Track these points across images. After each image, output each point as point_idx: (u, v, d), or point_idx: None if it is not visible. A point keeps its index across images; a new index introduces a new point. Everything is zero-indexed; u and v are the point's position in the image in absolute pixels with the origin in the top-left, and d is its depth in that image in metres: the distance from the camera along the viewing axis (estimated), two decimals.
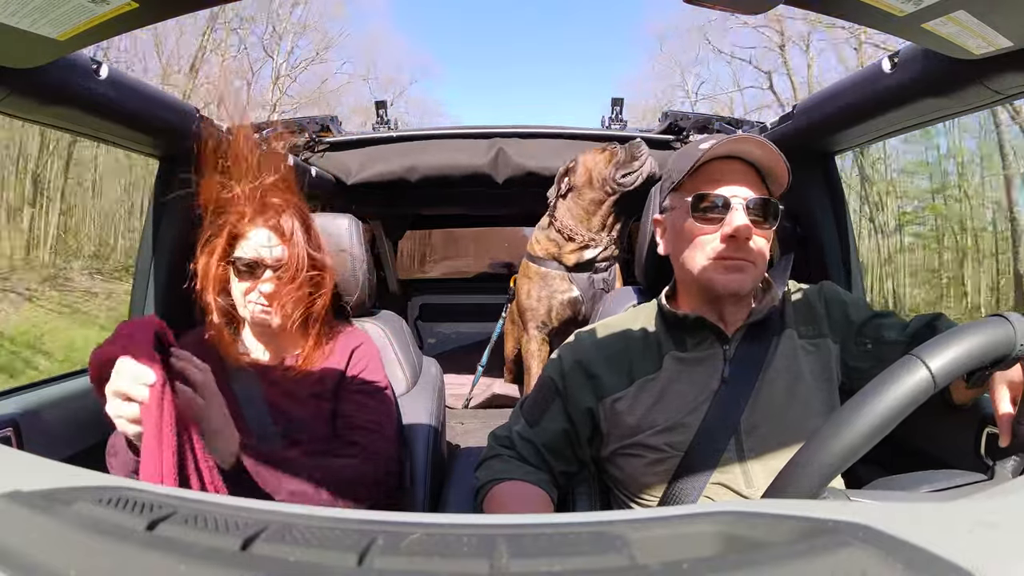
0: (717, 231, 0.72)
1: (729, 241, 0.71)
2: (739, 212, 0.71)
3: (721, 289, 0.73)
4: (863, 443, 0.43)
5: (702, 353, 0.76)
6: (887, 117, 0.88)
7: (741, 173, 0.73)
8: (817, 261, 1.17)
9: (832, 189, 1.17)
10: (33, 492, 0.31)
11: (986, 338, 0.46)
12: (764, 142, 0.72)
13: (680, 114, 1.57)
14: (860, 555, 0.24)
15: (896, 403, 0.43)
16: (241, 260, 0.82)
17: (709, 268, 0.73)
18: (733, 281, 0.72)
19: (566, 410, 0.78)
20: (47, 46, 0.58)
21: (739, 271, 0.72)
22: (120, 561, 0.25)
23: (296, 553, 0.25)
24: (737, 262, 0.72)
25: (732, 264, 0.72)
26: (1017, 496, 0.33)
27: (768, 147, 0.72)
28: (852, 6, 0.51)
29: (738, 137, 0.75)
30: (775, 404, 0.72)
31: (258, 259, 0.82)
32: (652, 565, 0.24)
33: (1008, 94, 0.68)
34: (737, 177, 0.73)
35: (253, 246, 0.82)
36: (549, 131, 1.62)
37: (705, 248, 0.73)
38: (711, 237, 0.73)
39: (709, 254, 0.73)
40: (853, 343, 0.77)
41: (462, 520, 0.30)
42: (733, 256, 0.72)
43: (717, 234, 0.72)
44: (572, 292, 1.65)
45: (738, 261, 0.72)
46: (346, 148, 1.60)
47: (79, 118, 0.82)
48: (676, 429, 0.72)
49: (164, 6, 0.54)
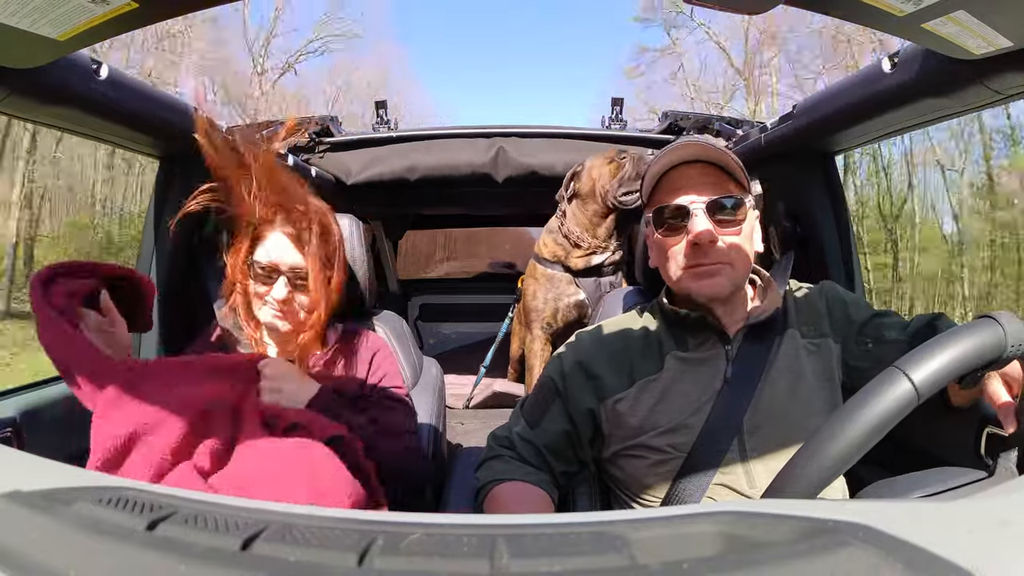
0: (682, 239, 0.73)
1: (695, 248, 0.72)
2: (699, 217, 0.71)
3: (697, 296, 0.74)
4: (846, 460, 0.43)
5: (704, 353, 0.76)
6: (887, 117, 0.88)
7: (702, 176, 0.73)
8: (817, 261, 1.17)
9: (832, 189, 1.17)
10: (33, 492, 0.31)
11: (974, 344, 0.45)
12: (700, 142, 0.74)
13: (680, 114, 1.57)
14: (860, 555, 0.24)
15: (878, 418, 0.43)
16: (258, 263, 0.83)
17: (684, 277, 0.74)
18: (706, 286, 0.73)
19: (567, 411, 0.78)
20: (47, 46, 0.58)
21: (711, 275, 0.73)
22: (120, 561, 0.25)
23: (296, 553, 0.25)
24: (707, 267, 0.72)
25: (703, 270, 0.73)
26: (1017, 495, 0.33)
27: (704, 145, 0.73)
28: (852, 6, 0.51)
29: (675, 145, 0.76)
30: (777, 404, 0.72)
31: (274, 265, 0.83)
32: (652, 565, 0.24)
33: (1008, 94, 0.68)
34: (694, 182, 0.73)
35: (271, 250, 0.83)
36: (549, 131, 1.62)
37: (676, 258, 0.74)
38: (679, 247, 0.74)
39: (680, 264, 0.74)
40: (854, 343, 0.77)
41: (462, 520, 0.30)
42: (702, 262, 0.72)
43: (683, 243, 0.73)
44: (578, 295, 1.65)
45: (708, 267, 0.72)
46: (346, 148, 1.60)
47: (79, 118, 0.82)
48: (679, 430, 0.72)
49: (164, 6, 0.54)
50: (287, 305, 0.83)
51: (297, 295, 0.84)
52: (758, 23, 9.92)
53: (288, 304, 0.83)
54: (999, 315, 0.47)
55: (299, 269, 0.83)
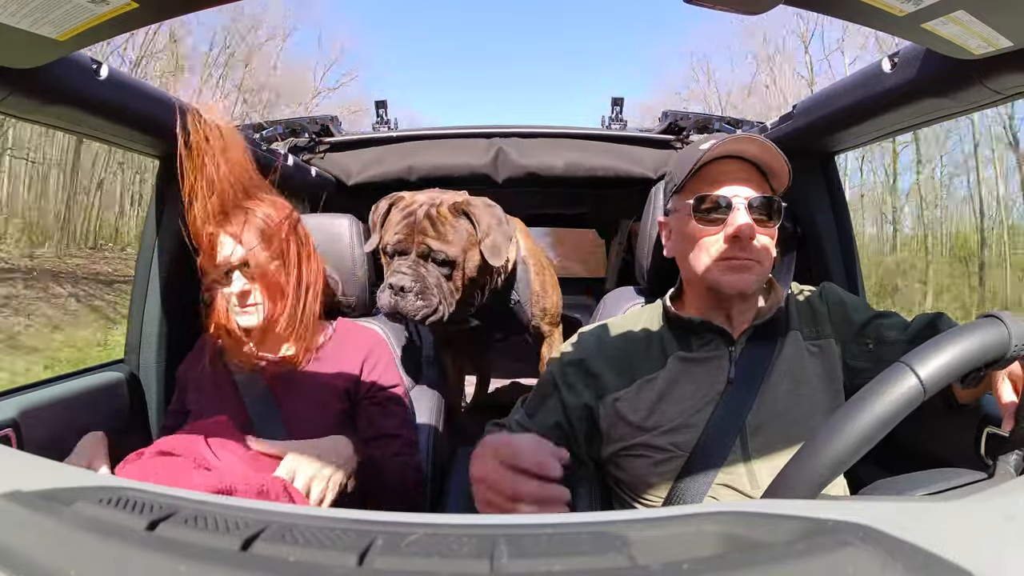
0: (720, 232, 0.73)
1: (733, 241, 0.72)
2: (741, 212, 0.71)
3: (727, 289, 0.73)
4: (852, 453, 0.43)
5: (708, 354, 0.76)
6: (887, 117, 0.88)
7: (742, 172, 0.74)
8: (818, 261, 1.17)
9: (832, 189, 1.17)
10: (33, 492, 0.31)
11: (979, 342, 0.45)
12: (762, 140, 0.73)
13: (680, 114, 1.57)
14: (860, 555, 0.24)
15: (885, 412, 0.43)
16: (218, 266, 0.87)
17: (714, 269, 0.74)
18: (739, 281, 0.73)
19: (563, 406, 0.78)
20: (47, 46, 0.58)
21: (744, 271, 0.73)
22: (120, 561, 0.25)
23: (296, 553, 0.25)
24: (742, 262, 0.72)
25: (737, 264, 0.73)
26: (1017, 496, 0.33)
27: (766, 145, 0.72)
28: (852, 6, 0.51)
29: (736, 137, 0.75)
30: (780, 405, 0.72)
31: (226, 262, 0.86)
32: (652, 565, 0.24)
33: (1008, 94, 0.68)
34: (738, 176, 0.73)
35: (222, 250, 0.87)
36: (549, 131, 1.62)
37: (709, 249, 0.74)
38: (714, 238, 0.73)
39: (713, 255, 0.73)
40: (854, 343, 0.77)
41: (462, 520, 0.30)
42: (738, 256, 0.72)
43: (720, 235, 0.73)
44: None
45: (743, 261, 0.72)
46: (346, 148, 1.60)
47: (79, 118, 0.82)
48: (681, 429, 0.72)
49: (164, 6, 0.54)
50: (247, 297, 0.87)
51: (254, 287, 0.87)
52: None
53: (248, 296, 0.87)
54: (1002, 314, 0.46)
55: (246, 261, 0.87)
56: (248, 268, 0.87)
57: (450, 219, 1.11)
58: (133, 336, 1.10)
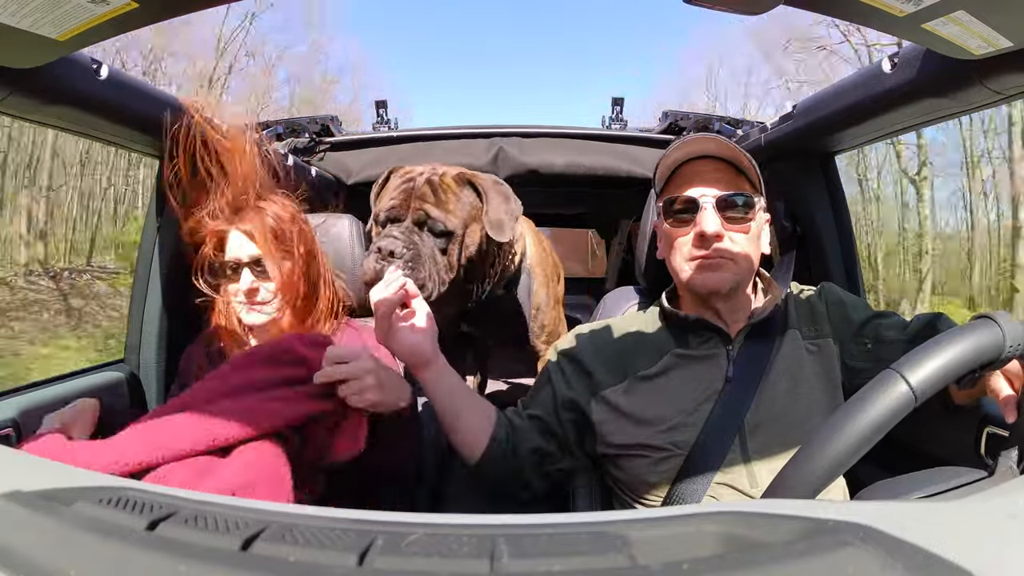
0: (691, 232, 0.74)
1: (701, 240, 0.74)
2: (708, 211, 0.73)
3: (699, 288, 0.75)
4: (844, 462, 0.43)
5: (706, 352, 0.76)
6: (887, 117, 0.88)
7: (715, 172, 0.75)
8: (817, 261, 1.17)
9: (832, 189, 1.17)
10: (33, 492, 0.31)
11: (972, 345, 0.45)
12: (721, 139, 0.75)
13: (680, 114, 1.57)
14: (860, 555, 0.24)
15: (875, 421, 0.43)
16: (227, 263, 0.88)
17: (688, 269, 0.76)
18: (710, 279, 0.74)
19: (554, 398, 0.79)
20: (47, 46, 0.58)
21: (715, 269, 0.74)
22: (120, 561, 0.25)
23: (296, 553, 0.25)
24: (713, 260, 0.74)
25: (707, 263, 0.74)
26: (1018, 494, 0.33)
27: (726, 143, 0.75)
28: (852, 6, 0.51)
29: (695, 137, 0.78)
30: (778, 404, 0.72)
31: (236, 259, 0.87)
32: (652, 565, 0.24)
33: (1008, 94, 0.68)
34: (708, 176, 0.75)
35: (232, 247, 0.87)
36: (549, 131, 1.62)
37: (682, 249, 0.76)
38: (686, 239, 0.75)
39: (686, 255, 0.75)
40: (853, 343, 0.77)
41: (462, 520, 0.30)
42: (708, 255, 0.74)
43: (691, 235, 0.74)
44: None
45: (714, 260, 0.74)
46: (346, 148, 1.60)
47: (79, 118, 0.82)
48: (680, 428, 0.72)
49: (164, 6, 0.54)
50: (255, 295, 0.87)
51: (263, 284, 0.88)
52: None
53: (256, 293, 0.87)
54: (997, 315, 0.46)
55: (257, 257, 0.88)
56: (258, 266, 0.87)
57: (453, 187, 1.03)
58: (133, 336, 1.10)
